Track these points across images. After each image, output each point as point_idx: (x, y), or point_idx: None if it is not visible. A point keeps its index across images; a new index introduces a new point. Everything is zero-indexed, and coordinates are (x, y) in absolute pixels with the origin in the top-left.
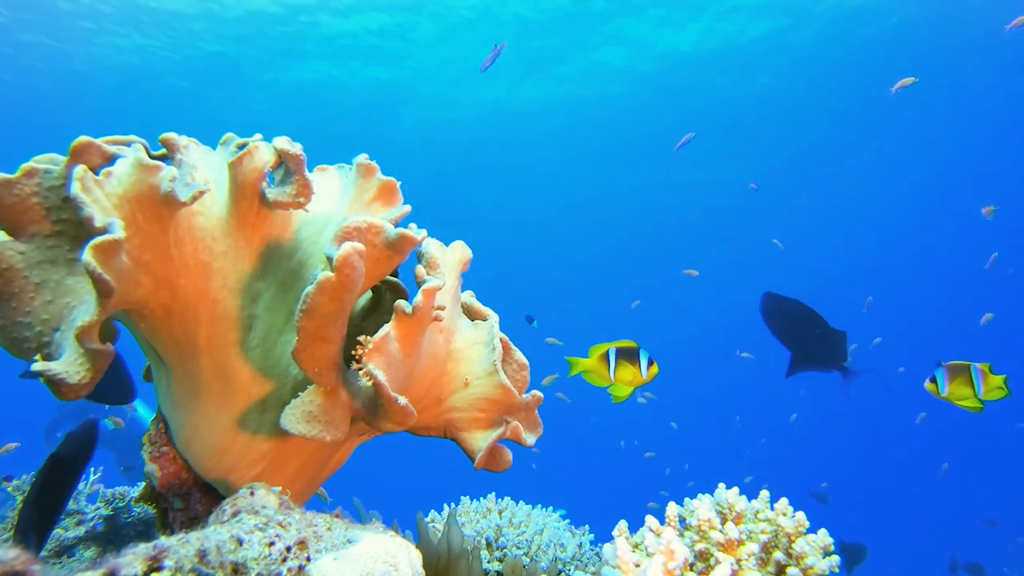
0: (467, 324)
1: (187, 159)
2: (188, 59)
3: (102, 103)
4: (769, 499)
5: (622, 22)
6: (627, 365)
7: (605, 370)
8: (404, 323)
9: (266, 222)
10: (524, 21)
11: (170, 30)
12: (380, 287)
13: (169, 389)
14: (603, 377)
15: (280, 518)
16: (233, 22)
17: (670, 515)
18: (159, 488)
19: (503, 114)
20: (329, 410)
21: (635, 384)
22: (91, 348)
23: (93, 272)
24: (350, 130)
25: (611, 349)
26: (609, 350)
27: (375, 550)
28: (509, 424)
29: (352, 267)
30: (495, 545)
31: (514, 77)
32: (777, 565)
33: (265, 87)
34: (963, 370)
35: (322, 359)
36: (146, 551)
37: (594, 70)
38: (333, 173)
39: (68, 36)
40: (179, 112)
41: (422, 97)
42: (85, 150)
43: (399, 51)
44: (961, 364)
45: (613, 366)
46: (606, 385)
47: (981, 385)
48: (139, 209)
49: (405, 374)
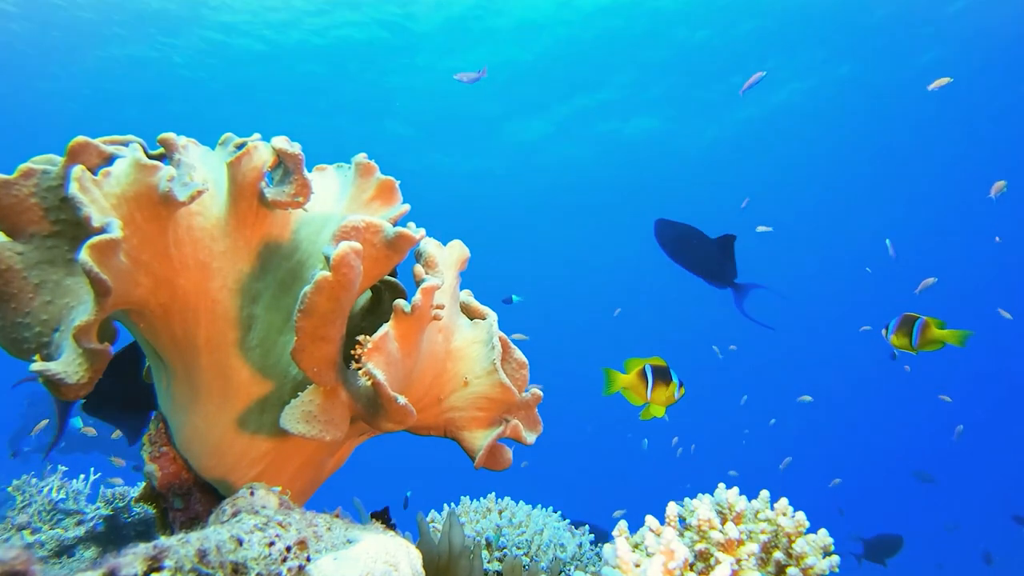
0: (466, 323)
1: (185, 159)
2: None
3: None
4: (769, 499)
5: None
6: (662, 385)
7: (643, 388)
8: (403, 322)
9: (265, 222)
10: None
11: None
12: (379, 287)
13: (169, 389)
14: (640, 395)
15: (280, 518)
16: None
17: (670, 515)
18: (159, 488)
19: (505, 112)
20: (329, 410)
21: (668, 404)
22: (89, 348)
23: (90, 272)
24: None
25: (647, 367)
26: (646, 367)
27: (375, 550)
28: (509, 423)
29: (350, 266)
30: (495, 545)
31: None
32: (777, 565)
33: (258, 85)
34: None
35: (321, 359)
36: (146, 551)
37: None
38: (332, 173)
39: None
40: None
41: (421, 93)
42: (83, 150)
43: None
44: (913, 316)
45: (651, 386)
46: (641, 404)
47: (919, 334)
48: (137, 209)
49: (404, 373)
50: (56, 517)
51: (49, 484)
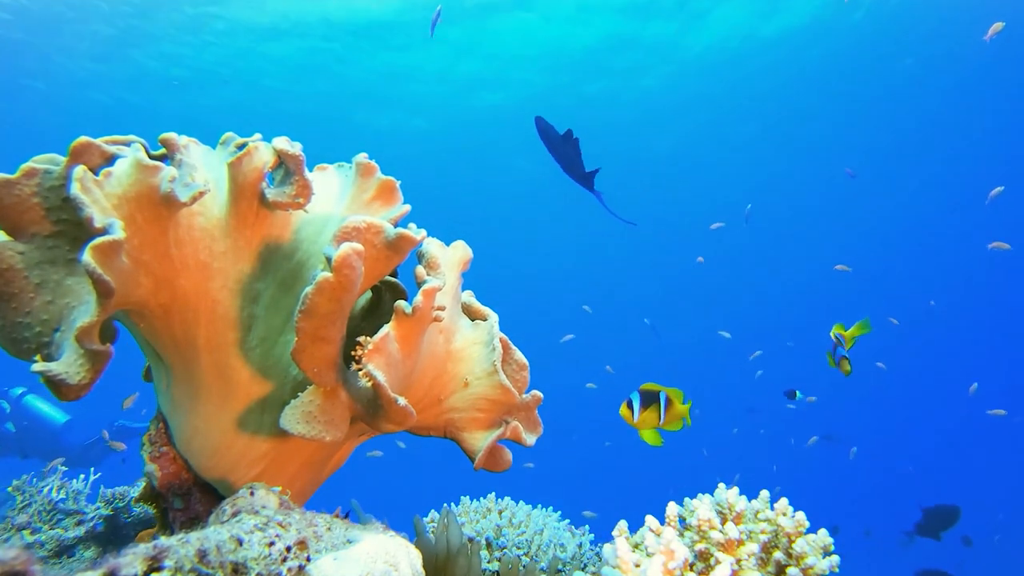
0: (467, 324)
1: (187, 159)
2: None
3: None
4: (769, 499)
5: None
6: (654, 410)
7: (639, 415)
8: (404, 323)
9: (266, 222)
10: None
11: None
12: (380, 287)
13: (169, 389)
14: (643, 422)
15: (280, 518)
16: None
17: (670, 515)
18: (159, 488)
19: (505, 111)
20: (329, 410)
21: (668, 428)
22: (91, 348)
23: (93, 273)
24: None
25: (634, 395)
26: (631, 396)
27: (375, 550)
28: (509, 424)
29: (351, 267)
30: (495, 545)
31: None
32: (777, 565)
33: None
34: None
35: (322, 359)
36: (146, 551)
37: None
38: (332, 173)
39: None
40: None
41: (420, 91)
42: (84, 150)
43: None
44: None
45: (636, 411)
46: (650, 429)
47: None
48: (139, 209)
49: (405, 374)
50: (56, 517)
51: (49, 484)
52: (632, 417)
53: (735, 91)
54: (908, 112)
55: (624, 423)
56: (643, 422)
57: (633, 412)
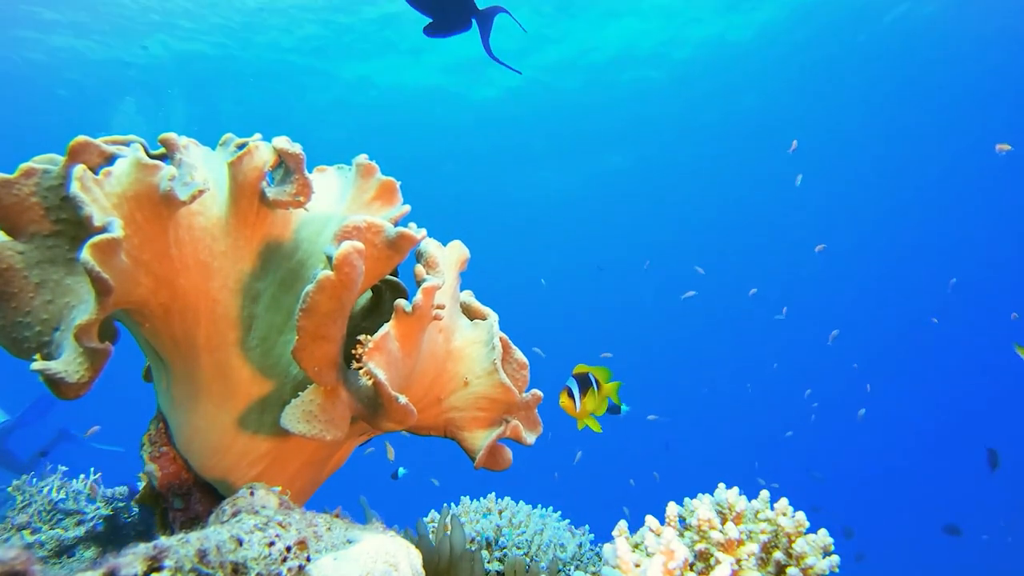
0: (467, 323)
1: (187, 159)
2: None
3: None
4: (769, 499)
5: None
6: (590, 394)
7: (575, 401)
8: (404, 322)
9: (266, 222)
10: None
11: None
12: (380, 287)
13: (169, 389)
14: (577, 409)
15: (280, 518)
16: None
17: (670, 515)
18: (159, 488)
19: (506, 109)
20: (329, 409)
21: (597, 412)
22: (90, 347)
23: (92, 271)
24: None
25: (571, 380)
26: (569, 382)
27: (375, 550)
28: (509, 423)
29: (352, 266)
30: (495, 545)
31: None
32: (777, 565)
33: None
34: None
35: (322, 358)
36: (146, 551)
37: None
38: (332, 174)
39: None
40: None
41: (419, 87)
42: (84, 150)
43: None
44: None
45: (578, 397)
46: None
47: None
48: (138, 208)
49: (405, 373)
50: (56, 517)
51: (49, 484)
52: (574, 407)
53: (735, 90)
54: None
55: (564, 414)
56: (584, 410)
57: (575, 401)
